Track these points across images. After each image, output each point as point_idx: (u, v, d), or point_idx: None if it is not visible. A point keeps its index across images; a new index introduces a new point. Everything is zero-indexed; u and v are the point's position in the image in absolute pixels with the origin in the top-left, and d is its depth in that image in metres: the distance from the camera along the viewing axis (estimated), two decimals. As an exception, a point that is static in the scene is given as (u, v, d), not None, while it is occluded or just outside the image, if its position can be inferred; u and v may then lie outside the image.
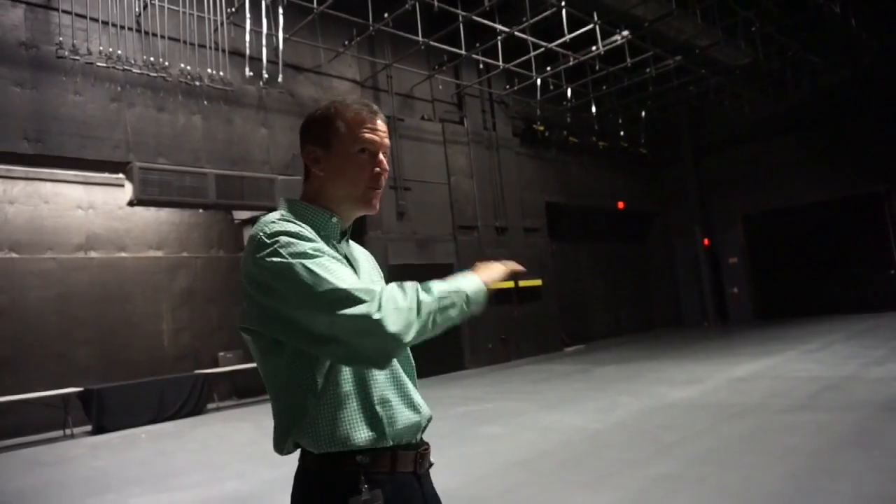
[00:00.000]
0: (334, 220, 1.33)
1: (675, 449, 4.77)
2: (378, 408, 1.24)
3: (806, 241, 16.32)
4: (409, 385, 1.32)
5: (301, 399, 1.21)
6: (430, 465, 1.35)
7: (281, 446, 1.26)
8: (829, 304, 15.50)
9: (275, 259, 1.16)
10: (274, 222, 1.22)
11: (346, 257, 1.33)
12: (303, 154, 1.37)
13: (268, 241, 1.18)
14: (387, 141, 1.37)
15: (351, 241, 1.42)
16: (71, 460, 6.74)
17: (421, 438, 1.33)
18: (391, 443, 1.24)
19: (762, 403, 6.08)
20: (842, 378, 6.94)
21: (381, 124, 1.35)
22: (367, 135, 1.33)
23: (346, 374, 1.23)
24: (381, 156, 1.35)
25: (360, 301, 1.11)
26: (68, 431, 8.22)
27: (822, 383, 6.76)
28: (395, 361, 1.29)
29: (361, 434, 1.21)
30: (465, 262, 12.49)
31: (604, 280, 17.14)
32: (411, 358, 1.38)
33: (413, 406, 1.30)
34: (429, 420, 1.34)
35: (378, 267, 1.50)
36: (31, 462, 6.83)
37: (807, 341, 10.76)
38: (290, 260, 1.15)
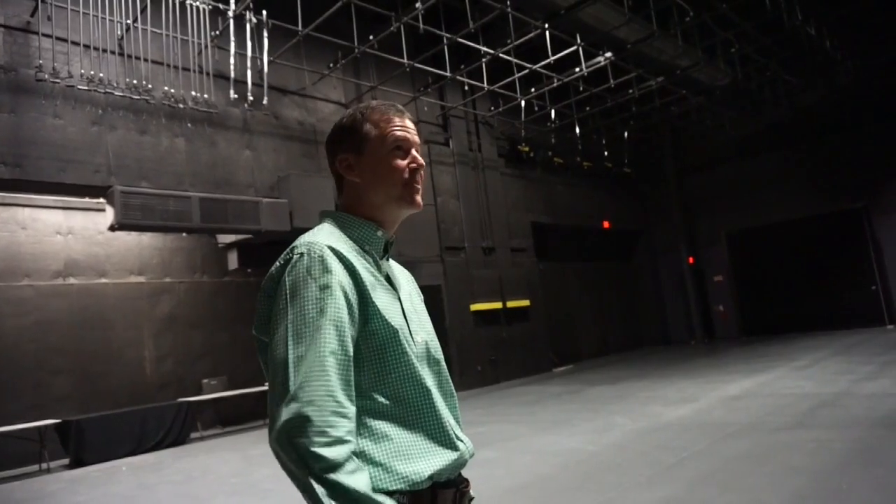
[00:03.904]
0: (380, 233, 1.29)
1: (676, 470, 4.67)
2: (422, 443, 1.16)
3: (789, 257, 16.48)
4: (450, 419, 1.24)
5: None
6: (471, 499, 1.26)
7: None
8: (813, 320, 15.62)
9: (295, 285, 1.14)
10: (316, 244, 1.18)
11: (387, 277, 1.27)
12: (334, 166, 1.33)
13: (301, 266, 1.15)
14: (416, 138, 1.34)
15: (391, 260, 1.36)
16: (49, 496, 6.45)
17: (460, 474, 1.24)
18: (430, 482, 1.14)
19: (758, 422, 6.02)
20: (835, 395, 6.91)
21: (409, 123, 1.33)
22: (398, 132, 1.30)
23: (388, 406, 1.15)
24: (414, 151, 1.32)
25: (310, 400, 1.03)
26: (44, 465, 7.91)
27: (815, 400, 6.73)
28: (435, 390, 1.22)
29: (402, 472, 1.11)
30: (453, 283, 12.52)
31: (591, 299, 17.12)
32: (452, 386, 1.31)
33: (453, 442, 1.21)
34: (471, 455, 1.27)
35: (418, 288, 1.44)
36: (6, 500, 6.53)
37: (794, 358, 10.77)
38: (304, 303, 1.11)
